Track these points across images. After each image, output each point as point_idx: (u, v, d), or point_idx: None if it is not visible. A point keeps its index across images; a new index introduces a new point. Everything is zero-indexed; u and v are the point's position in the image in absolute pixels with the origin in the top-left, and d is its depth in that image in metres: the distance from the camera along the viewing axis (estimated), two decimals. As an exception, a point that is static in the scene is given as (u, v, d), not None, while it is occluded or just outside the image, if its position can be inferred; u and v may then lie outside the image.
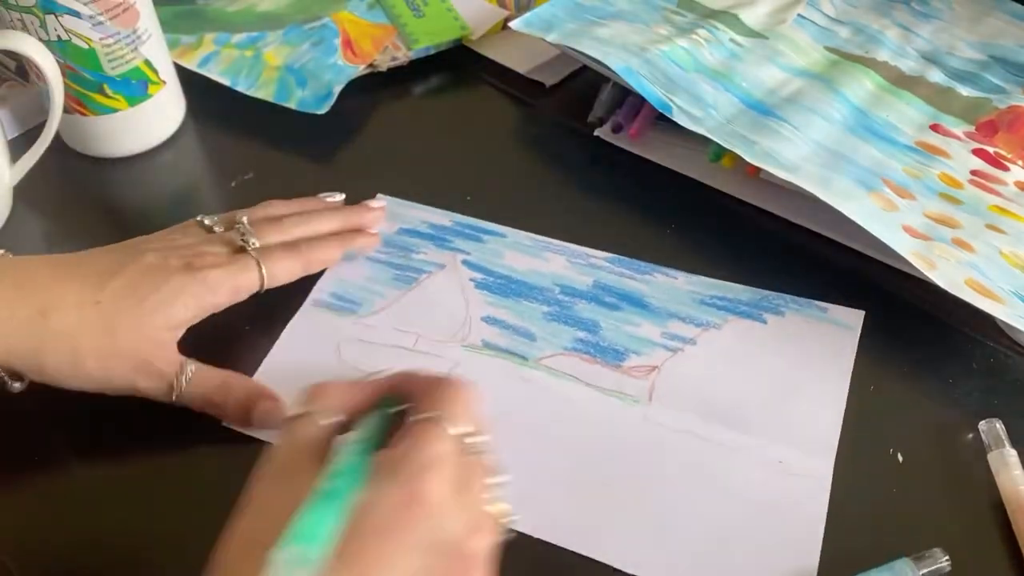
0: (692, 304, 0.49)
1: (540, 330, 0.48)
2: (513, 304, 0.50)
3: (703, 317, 0.49)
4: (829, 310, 0.49)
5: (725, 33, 0.62)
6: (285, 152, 0.58)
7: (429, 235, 0.53)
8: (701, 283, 0.50)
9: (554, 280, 0.51)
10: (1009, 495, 0.40)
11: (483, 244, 0.53)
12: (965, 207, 0.52)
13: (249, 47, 0.64)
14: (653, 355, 0.47)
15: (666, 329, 0.48)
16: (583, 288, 0.50)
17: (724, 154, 0.54)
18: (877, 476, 0.42)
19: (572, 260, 0.52)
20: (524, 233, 0.53)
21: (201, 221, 0.48)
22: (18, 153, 0.55)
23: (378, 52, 0.63)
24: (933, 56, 0.64)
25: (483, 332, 0.48)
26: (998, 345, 0.47)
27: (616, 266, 0.52)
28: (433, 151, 0.59)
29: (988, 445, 0.42)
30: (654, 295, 0.50)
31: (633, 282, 0.51)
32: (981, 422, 0.43)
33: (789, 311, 0.49)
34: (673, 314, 0.49)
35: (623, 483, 0.42)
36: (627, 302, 0.50)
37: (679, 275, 0.51)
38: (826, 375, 0.46)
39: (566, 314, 0.49)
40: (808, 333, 0.48)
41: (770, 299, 0.50)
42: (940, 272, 0.47)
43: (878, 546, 0.39)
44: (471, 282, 0.51)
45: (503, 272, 0.51)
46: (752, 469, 0.42)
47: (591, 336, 0.48)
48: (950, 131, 0.58)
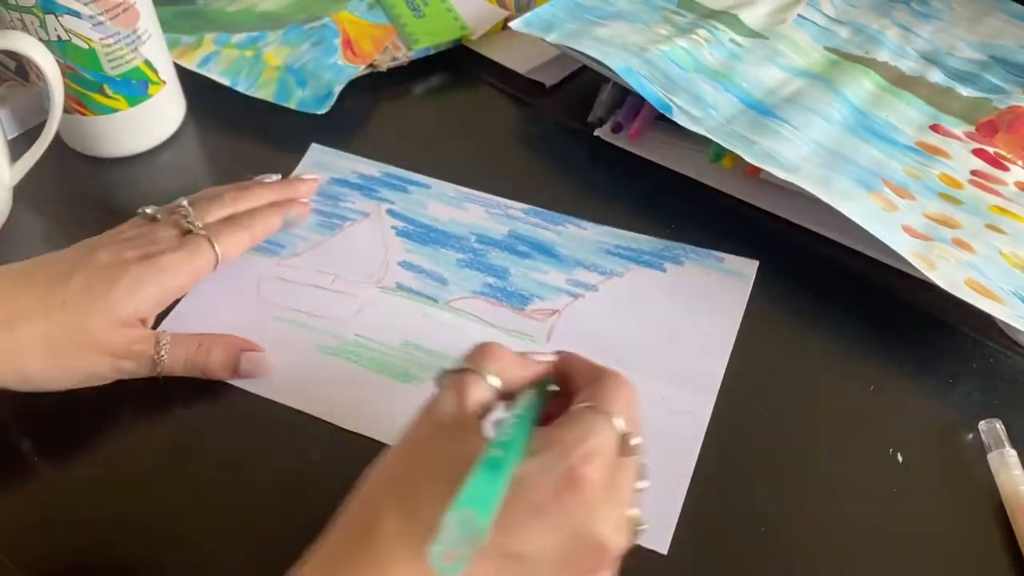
0: (598, 253, 0.52)
1: (452, 275, 0.51)
2: (430, 251, 0.52)
3: (607, 265, 0.52)
4: (725, 259, 0.52)
5: (725, 33, 0.62)
6: (285, 152, 0.58)
7: (358, 184, 0.56)
8: (609, 233, 0.53)
9: (471, 229, 0.54)
10: (1009, 495, 0.40)
11: (408, 195, 0.56)
12: (965, 207, 0.52)
13: (249, 47, 0.64)
14: (556, 300, 0.50)
15: (571, 276, 0.51)
16: (498, 237, 0.53)
17: (724, 154, 0.54)
18: (877, 476, 0.42)
19: (491, 211, 0.55)
20: (449, 184, 0.56)
21: (144, 212, 0.48)
22: (18, 153, 0.54)
23: (378, 52, 0.63)
24: (933, 56, 0.64)
25: (398, 276, 0.51)
26: (998, 345, 0.47)
27: (531, 216, 0.54)
28: (433, 151, 0.59)
29: (988, 445, 0.42)
30: (564, 244, 0.53)
31: (546, 232, 0.54)
32: (981, 422, 0.43)
33: (688, 260, 0.52)
34: (579, 262, 0.52)
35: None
36: (538, 251, 0.52)
37: (589, 226, 0.54)
38: (717, 320, 0.48)
39: (479, 261, 0.52)
40: (704, 281, 0.51)
41: (672, 249, 0.52)
42: (940, 272, 0.47)
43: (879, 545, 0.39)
44: (392, 230, 0.53)
45: (424, 222, 0.54)
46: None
47: (500, 282, 0.51)
48: (950, 131, 0.58)
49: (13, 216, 0.55)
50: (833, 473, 0.42)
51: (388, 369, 0.46)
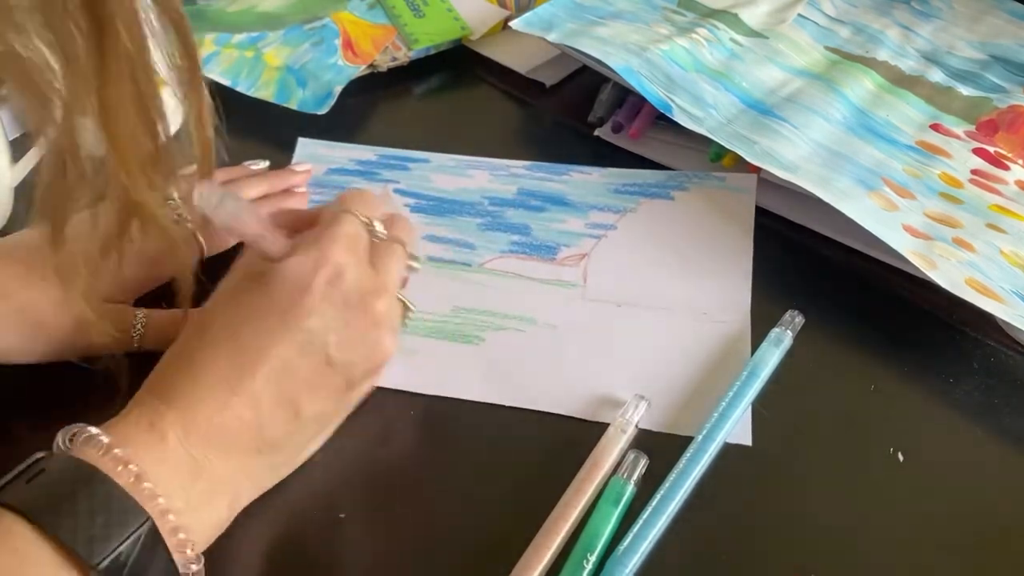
0: (608, 194, 0.54)
1: (477, 239, 0.52)
2: (449, 221, 0.53)
3: (619, 204, 0.54)
4: (727, 178, 0.55)
5: (725, 33, 0.62)
6: (286, 152, 0.58)
7: (357, 171, 0.57)
8: (613, 174, 0.56)
9: (482, 194, 0.55)
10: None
11: (410, 172, 0.56)
12: (965, 206, 0.52)
13: (249, 47, 0.64)
14: (582, 244, 0.52)
15: (588, 220, 0.53)
16: (509, 197, 0.55)
17: (724, 154, 0.54)
18: (877, 476, 0.42)
19: (494, 173, 0.56)
20: (446, 155, 0.57)
21: None
22: (19, 153, 0.54)
23: (378, 52, 0.63)
24: (933, 56, 0.64)
25: (426, 249, 0.51)
26: (998, 345, 0.47)
27: (535, 172, 0.56)
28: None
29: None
30: (573, 192, 0.55)
31: (553, 184, 0.55)
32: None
33: (692, 185, 0.55)
34: (593, 206, 0.54)
35: (571, 349, 0.46)
36: (550, 202, 0.54)
37: (593, 171, 0.56)
38: (732, 232, 0.52)
39: (498, 222, 0.53)
40: (711, 200, 0.54)
41: (675, 178, 0.55)
42: (941, 271, 0.47)
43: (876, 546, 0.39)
44: (406, 207, 0.54)
45: (434, 195, 0.55)
46: (682, 322, 0.47)
47: (524, 238, 0.52)
48: (950, 130, 0.58)
49: (14, 216, 0.55)
50: (833, 473, 0.42)
51: (448, 335, 0.47)
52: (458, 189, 0.55)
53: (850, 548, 0.39)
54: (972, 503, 0.41)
